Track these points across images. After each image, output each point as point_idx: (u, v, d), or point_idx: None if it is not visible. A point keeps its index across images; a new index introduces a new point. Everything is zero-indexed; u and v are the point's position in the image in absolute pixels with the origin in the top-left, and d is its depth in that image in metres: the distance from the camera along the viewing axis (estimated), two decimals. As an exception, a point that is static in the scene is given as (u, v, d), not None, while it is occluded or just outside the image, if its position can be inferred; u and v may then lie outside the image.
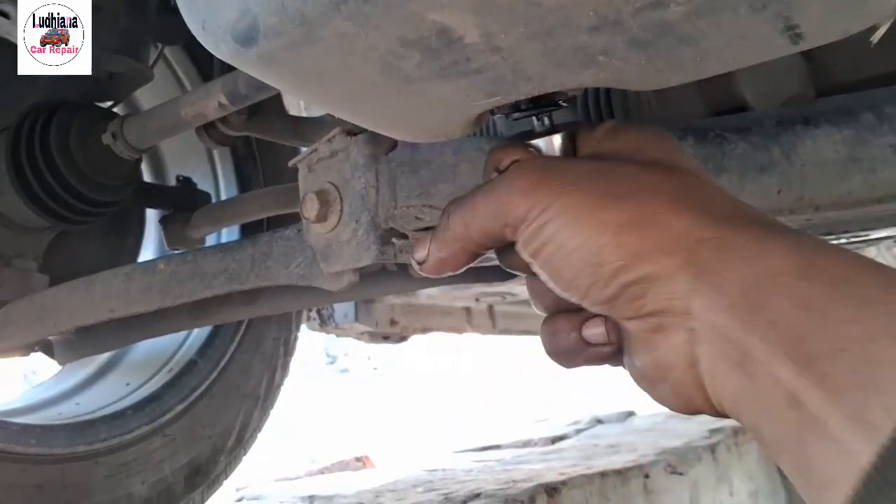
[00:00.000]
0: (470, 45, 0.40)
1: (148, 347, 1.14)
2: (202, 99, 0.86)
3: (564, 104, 0.48)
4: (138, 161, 0.97)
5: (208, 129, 0.95)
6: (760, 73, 0.80)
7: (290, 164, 0.77)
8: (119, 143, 0.91)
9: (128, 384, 1.09)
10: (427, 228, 0.70)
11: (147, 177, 1.21)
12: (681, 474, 1.40)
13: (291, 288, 0.88)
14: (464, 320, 1.71)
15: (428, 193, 0.71)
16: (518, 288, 1.44)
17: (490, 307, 1.71)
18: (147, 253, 1.21)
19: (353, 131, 0.72)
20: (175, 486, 1.04)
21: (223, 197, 1.23)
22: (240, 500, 1.43)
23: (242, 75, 0.84)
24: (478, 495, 1.08)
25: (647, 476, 1.31)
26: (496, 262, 0.95)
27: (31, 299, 0.89)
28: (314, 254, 0.76)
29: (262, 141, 1.21)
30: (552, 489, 1.09)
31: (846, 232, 0.80)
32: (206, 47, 0.43)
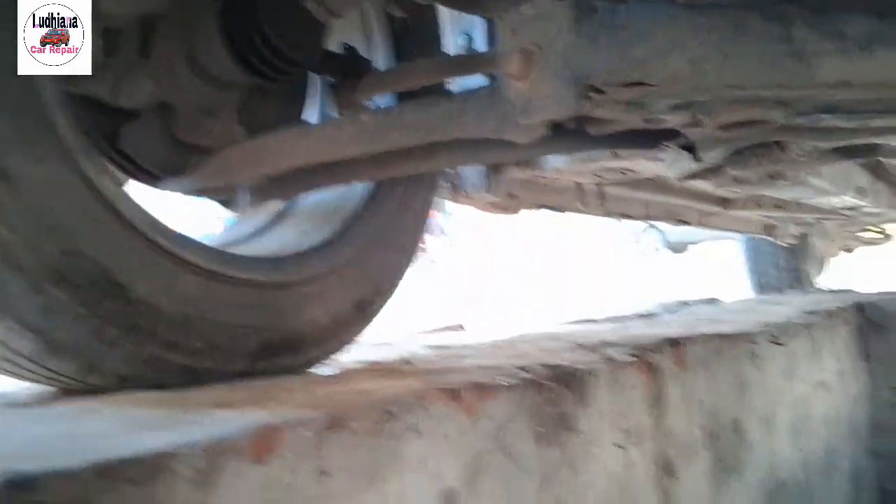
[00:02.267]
0: None
1: (317, 202, 1.27)
2: (402, -34, 0.95)
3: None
4: (327, 25, 1.07)
5: (395, -4, 1.04)
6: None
7: (496, 23, 0.86)
8: (320, 7, 1.01)
9: (304, 231, 1.23)
10: (628, 85, 0.79)
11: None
12: (782, 345, 1.51)
13: (470, 143, 1.00)
14: (575, 198, 1.81)
15: (625, 55, 0.80)
16: (640, 165, 1.53)
17: (600, 186, 1.80)
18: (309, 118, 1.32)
19: (557, -5, 0.80)
20: (347, 317, 1.19)
21: (380, 66, 1.33)
22: (375, 345, 1.59)
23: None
24: (609, 343, 1.21)
25: (754, 342, 1.42)
26: (660, 127, 1.04)
27: (249, 143, 1.02)
28: (510, 108, 0.86)
29: (415, 16, 1.31)
30: (676, 342, 1.22)
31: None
32: None
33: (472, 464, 0.78)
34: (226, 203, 1.25)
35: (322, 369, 1.15)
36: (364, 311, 1.24)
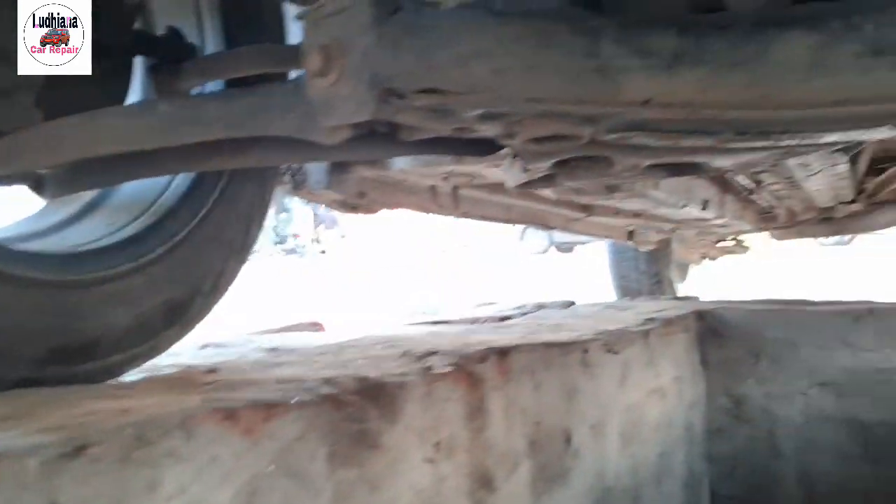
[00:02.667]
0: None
1: (130, 192, 1.18)
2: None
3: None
4: (139, 6, 0.99)
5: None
6: (741, -23, 0.86)
7: (296, 16, 0.81)
8: (123, -16, 0.93)
9: (111, 224, 1.14)
10: (426, 91, 0.76)
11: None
12: (615, 353, 1.53)
13: (282, 142, 0.94)
14: (429, 200, 1.78)
15: (425, 59, 0.76)
16: (487, 171, 1.52)
17: (455, 189, 1.78)
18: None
19: (360, -10, 0.76)
20: (154, 320, 1.11)
21: (208, 52, 1.25)
22: (205, 346, 1.51)
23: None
24: (434, 352, 1.18)
25: (585, 351, 1.43)
26: (479, 136, 1.01)
27: (40, 128, 0.92)
28: (312, 108, 0.81)
29: (253, 2, 1.24)
30: (502, 351, 1.20)
31: (802, 132, 0.88)
32: None
33: (248, 488, 0.73)
34: (36, 190, 1.15)
35: (126, 377, 1.07)
36: (178, 312, 1.16)
